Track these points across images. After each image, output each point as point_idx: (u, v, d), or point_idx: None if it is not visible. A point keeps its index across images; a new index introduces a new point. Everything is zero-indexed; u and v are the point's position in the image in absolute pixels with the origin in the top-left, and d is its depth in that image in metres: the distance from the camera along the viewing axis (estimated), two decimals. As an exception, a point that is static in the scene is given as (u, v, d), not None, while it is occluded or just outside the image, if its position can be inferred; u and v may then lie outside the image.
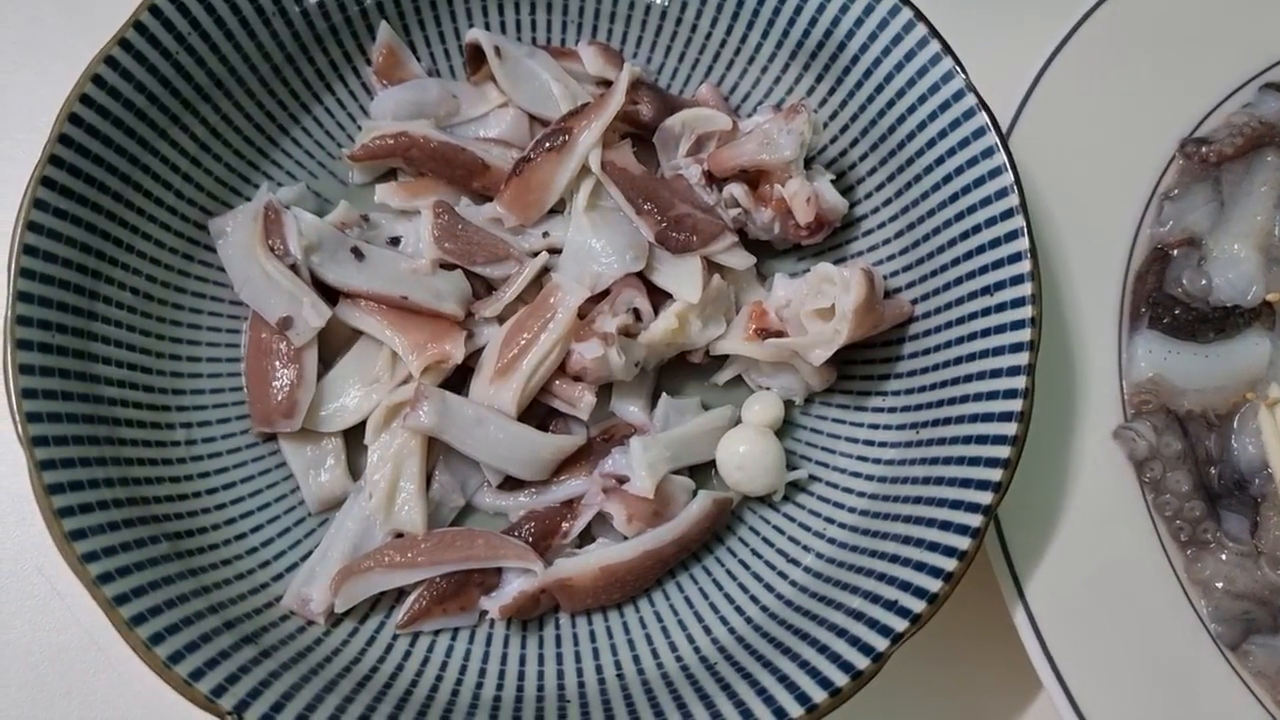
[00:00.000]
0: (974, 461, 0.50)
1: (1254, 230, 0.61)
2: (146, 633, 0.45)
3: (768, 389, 0.59)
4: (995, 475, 0.49)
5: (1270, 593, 0.55)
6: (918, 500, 0.52)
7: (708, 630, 0.53)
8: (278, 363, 0.56)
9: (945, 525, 0.49)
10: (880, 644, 0.47)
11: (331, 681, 0.49)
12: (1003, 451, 0.49)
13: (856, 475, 0.56)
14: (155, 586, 0.48)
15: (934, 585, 0.48)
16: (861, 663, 0.47)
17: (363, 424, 0.56)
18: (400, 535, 0.55)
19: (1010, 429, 0.50)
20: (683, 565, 0.56)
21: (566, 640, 0.54)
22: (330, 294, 0.57)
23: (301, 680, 0.48)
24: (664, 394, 0.58)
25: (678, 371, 0.60)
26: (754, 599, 0.54)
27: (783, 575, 0.54)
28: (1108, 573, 0.55)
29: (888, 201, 0.60)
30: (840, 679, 0.46)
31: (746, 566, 0.55)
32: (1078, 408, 0.58)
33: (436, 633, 0.54)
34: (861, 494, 0.55)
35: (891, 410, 0.57)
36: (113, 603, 0.46)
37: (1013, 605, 0.53)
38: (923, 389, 0.56)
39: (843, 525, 0.55)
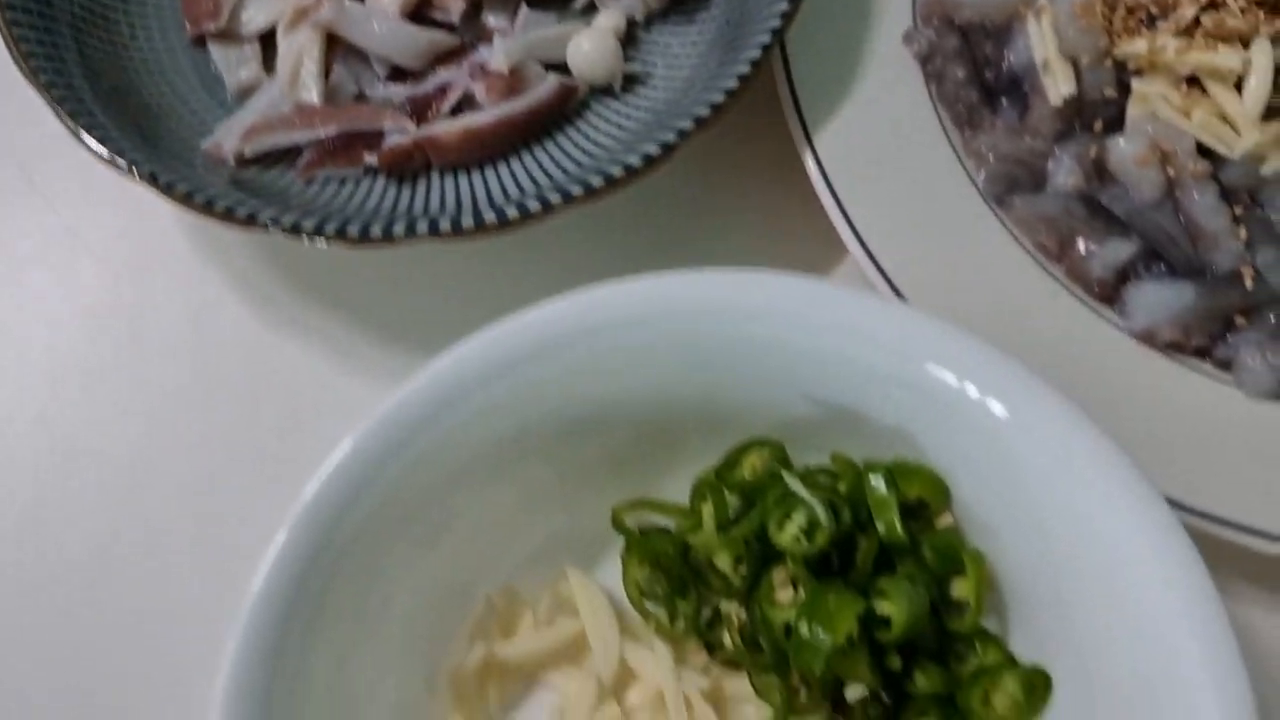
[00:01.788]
0: (766, 17, 0.61)
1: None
2: (106, 145, 0.58)
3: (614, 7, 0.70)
4: (776, 23, 0.60)
5: (1031, 156, 0.65)
6: (723, 61, 0.63)
7: (558, 167, 0.64)
8: (207, -21, 0.68)
9: (739, 61, 0.60)
10: (672, 138, 0.58)
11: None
12: (785, 5, 0.61)
13: (684, 65, 0.67)
14: (106, 112, 0.60)
15: (719, 98, 0.59)
16: (656, 151, 0.58)
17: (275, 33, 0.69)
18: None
19: (792, -13, 0.61)
20: (536, 140, 0.67)
21: (434, 190, 0.65)
22: (253, -64, 0.70)
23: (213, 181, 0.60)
24: (524, 4, 0.69)
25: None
26: (595, 144, 0.65)
27: (620, 127, 0.65)
28: (893, 142, 0.65)
29: None
30: (636, 161, 0.57)
31: (587, 137, 0.67)
32: (872, 19, 0.68)
33: (327, 179, 0.65)
34: (686, 72, 0.67)
35: (714, 20, 0.68)
36: (70, 117, 0.58)
37: (802, 150, 0.63)
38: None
39: (670, 90, 0.66)
